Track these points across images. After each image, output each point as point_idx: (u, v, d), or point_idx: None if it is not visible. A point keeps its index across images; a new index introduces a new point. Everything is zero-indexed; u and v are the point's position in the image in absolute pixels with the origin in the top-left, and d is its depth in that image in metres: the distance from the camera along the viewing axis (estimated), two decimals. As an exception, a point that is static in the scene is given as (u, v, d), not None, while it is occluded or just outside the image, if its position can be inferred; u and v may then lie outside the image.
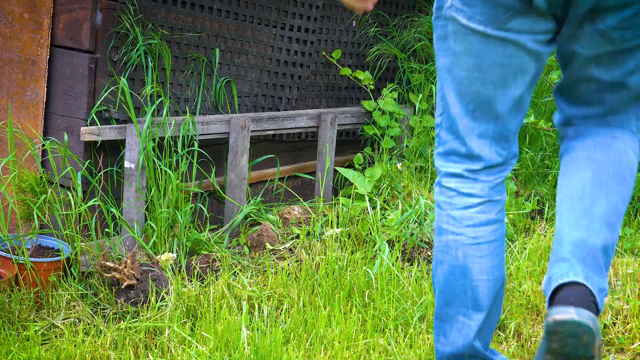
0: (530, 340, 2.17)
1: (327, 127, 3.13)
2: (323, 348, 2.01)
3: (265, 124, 2.92)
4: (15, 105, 2.52)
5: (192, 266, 2.48)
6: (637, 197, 3.33)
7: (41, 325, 2.11)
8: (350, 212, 2.86)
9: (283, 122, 3.00)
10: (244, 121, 2.79)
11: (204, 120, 2.72)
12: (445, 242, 1.72)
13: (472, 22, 1.62)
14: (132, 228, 2.47)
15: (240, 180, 2.82)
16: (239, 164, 2.81)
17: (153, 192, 2.46)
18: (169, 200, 2.48)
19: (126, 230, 2.49)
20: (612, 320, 2.25)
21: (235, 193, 2.82)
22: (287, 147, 3.14)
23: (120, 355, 1.98)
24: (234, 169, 2.81)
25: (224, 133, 2.79)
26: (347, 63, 3.32)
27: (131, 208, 2.49)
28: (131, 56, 2.50)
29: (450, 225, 1.71)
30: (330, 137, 3.13)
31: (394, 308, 2.21)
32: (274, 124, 2.96)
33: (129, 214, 2.51)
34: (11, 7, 2.49)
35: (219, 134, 2.77)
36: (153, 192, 2.45)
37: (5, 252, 2.29)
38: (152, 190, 2.46)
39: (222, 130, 2.78)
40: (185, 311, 2.20)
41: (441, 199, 1.73)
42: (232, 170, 2.82)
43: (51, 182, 2.45)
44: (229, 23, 2.80)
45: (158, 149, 2.55)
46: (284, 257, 2.62)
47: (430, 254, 2.74)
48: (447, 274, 1.72)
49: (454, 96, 1.71)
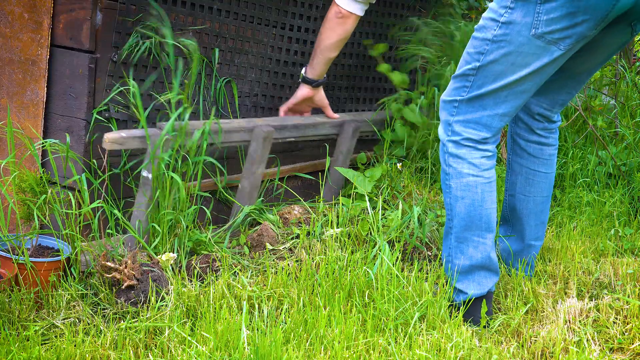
0: (530, 340, 2.17)
1: (347, 137, 3.08)
2: (323, 348, 2.01)
3: (288, 132, 2.89)
4: (15, 105, 2.52)
5: (192, 266, 2.48)
6: (637, 197, 3.33)
7: (41, 325, 2.11)
8: (351, 212, 2.86)
9: (306, 130, 2.97)
10: (267, 132, 2.74)
11: (226, 129, 2.69)
12: (466, 182, 2.30)
13: None
14: (135, 228, 2.47)
15: (252, 189, 2.79)
16: (254, 173, 2.78)
17: (158, 194, 2.45)
18: (174, 201, 2.47)
19: (127, 230, 2.49)
20: (612, 320, 2.25)
21: (245, 199, 2.79)
22: (286, 147, 3.14)
23: (120, 355, 1.98)
24: (248, 176, 2.77)
25: (244, 141, 2.77)
26: (348, 63, 3.32)
27: (140, 210, 2.47)
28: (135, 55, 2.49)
29: (470, 169, 2.29)
30: (348, 149, 3.11)
31: (394, 308, 2.21)
32: (297, 132, 2.93)
33: (137, 216, 2.49)
34: (11, 7, 2.49)
35: (239, 141, 2.76)
36: (158, 193, 2.45)
37: (5, 252, 2.29)
38: (158, 192, 2.45)
39: (243, 139, 2.75)
40: (185, 311, 2.20)
41: (462, 151, 2.30)
42: (247, 177, 2.78)
43: (52, 182, 2.45)
44: (229, 23, 2.80)
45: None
46: (284, 257, 2.62)
47: (430, 254, 2.74)
48: (467, 206, 2.30)
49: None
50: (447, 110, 2.35)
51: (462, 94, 2.31)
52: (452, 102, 2.33)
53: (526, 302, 2.38)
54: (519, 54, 2.21)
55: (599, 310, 2.32)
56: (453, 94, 2.34)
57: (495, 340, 2.18)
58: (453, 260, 2.34)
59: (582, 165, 3.55)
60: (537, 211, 2.60)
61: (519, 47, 2.20)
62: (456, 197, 2.32)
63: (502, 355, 2.07)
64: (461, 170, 2.31)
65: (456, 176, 2.31)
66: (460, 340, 2.07)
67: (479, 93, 2.28)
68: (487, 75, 2.27)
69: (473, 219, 2.30)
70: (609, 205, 3.22)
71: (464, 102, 2.31)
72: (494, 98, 2.28)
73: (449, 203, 2.34)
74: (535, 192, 2.58)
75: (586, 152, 3.65)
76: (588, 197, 3.29)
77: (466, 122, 2.31)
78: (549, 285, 2.50)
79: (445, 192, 2.36)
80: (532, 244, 2.61)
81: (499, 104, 2.29)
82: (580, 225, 3.06)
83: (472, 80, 2.29)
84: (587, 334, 2.18)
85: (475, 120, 2.31)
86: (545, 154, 2.57)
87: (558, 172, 3.48)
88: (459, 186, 2.31)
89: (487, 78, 2.27)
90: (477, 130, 2.31)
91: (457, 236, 2.33)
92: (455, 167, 2.31)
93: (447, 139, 2.34)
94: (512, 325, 2.24)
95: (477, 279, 2.33)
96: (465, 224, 2.31)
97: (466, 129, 2.31)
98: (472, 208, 2.30)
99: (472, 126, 2.31)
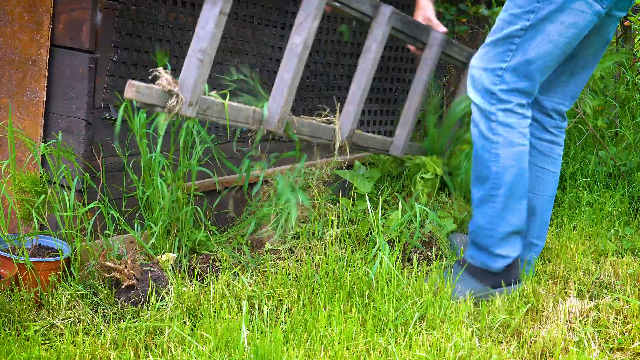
0: (530, 340, 2.17)
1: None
2: (323, 348, 2.01)
3: None
4: (15, 105, 2.52)
5: (192, 266, 2.48)
6: (637, 197, 3.33)
7: (41, 325, 2.11)
8: (351, 213, 2.86)
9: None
10: None
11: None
12: (516, 151, 2.33)
13: None
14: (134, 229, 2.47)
15: None
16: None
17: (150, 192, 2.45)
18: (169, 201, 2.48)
19: (127, 230, 2.49)
20: (612, 320, 2.25)
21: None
22: (285, 146, 3.14)
23: (120, 355, 1.98)
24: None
25: None
26: (348, 63, 3.32)
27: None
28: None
29: (520, 138, 2.32)
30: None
31: (394, 308, 2.21)
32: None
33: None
34: (11, 7, 2.49)
35: None
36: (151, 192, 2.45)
37: (5, 252, 2.29)
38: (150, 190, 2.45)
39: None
40: (185, 311, 2.20)
41: (512, 120, 2.30)
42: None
43: (52, 182, 2.45)
44: (229, 23, 2.80)
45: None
46: (284, 257, 2.62)
47: (429, 254, 2.74)
48: (515, 175, 2.34)
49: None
50: (489, 78, 2.31)
51: (506, 58, 2.29)
52: (495, 69, 2.30)
53: (526, 302, 2.38)
54: (570, 12, 2.20)
55: (599, 310, 2.32)
56: (495, 60, 2.31)
57: (495, 340, 2.18)
58: (496, 228, 2.40)
59: (582, 165, 3.55)
60: (542, 210, 2.61)
61: (570, 3, 2.19)
62: (505, 166, 2.34)
63: (502, 355, 2.07)
64: (512, 140, 2.32)
65: (506, 145, 2.32)
66: (460, 340, 2.07)
67: (527, 58, 2.27)
68: (534, 36, 2.24)
69: (518, 187, 2.36)
70: (609, 205, 3.22)
71: (510, 67, 2.28)
72: (541, 61, 2.27)
73: (496, 172, 2.35)
74: (543, 191, 2.59)
75: (586, 152, 3.65)
76: (588, 197, 3.29)
77: (513, 89, 2.30)
78: (549, 285, 2.50)
79: (490, 161, 2.35)
80: (534, 242, 2.62)
81: (543, 69, 2.28)
82: (580, 225, 3.06)
83: (518, 43, 2.26)
84: (587, 334, 2.18)
85: (521, 87, 2.30)
86: (555, 153, 2.59)
87: (558, 172, 3.49)
88: (509, 155, 2.33)
89: (534, 39, 2.25)
90: (522, 97, 2.31)
91: (504, 204, 2.37)
92: (506, 136, 2.32)
93: (495, 108, 2.31)
94: (512, 325, 2.24)
95: (514, 243, 2.43)
96: (512, 192, 2.36)
97: (514, 96, 2.30)
98: (519, 177, 2.35)
99: (517, 93, 2.30)
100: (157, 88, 2.16)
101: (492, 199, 2.38)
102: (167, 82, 2.16)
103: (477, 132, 2.37)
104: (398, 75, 3.54)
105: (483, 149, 2.36)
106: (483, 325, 2.24)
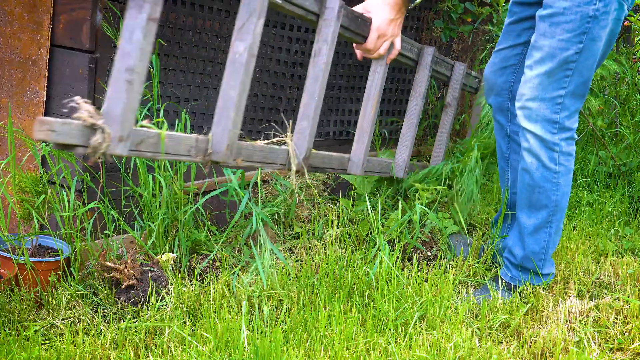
0: (530, 340, 2.17)
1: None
2: (323, 348, 2.01)
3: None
4: (15, 105, 2.52)
5: (192, 266, 2.48)
6: (637, 197, 3.33)
7: (41, 325, 2.11)
8: (351, 213, 2.86)
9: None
10: None
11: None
12: (570, 176, 2.34)
13: None
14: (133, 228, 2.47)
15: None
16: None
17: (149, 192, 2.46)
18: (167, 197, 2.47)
19: (126, 230, 2.49)
20: (612, 320, 2.25)
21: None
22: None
23: (120, 355, 1.98)
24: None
25: None
26: (348, 63, 3.32)
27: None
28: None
29: (573, 163, 2.33)
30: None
31: (394, 308, 2.21)
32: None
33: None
34: (11, 7, 2.49)
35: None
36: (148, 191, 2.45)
37: (5, 252, 2.29)
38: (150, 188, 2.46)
39: None
40: (185, 311, 2.20)
41: (571, 148, 2.31)
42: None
43: (52, 182, 2.45)
44: (229, 23, 2.80)
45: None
46: (284, 257, 2.62)
47: (429, 254, 2.74)
48: (566, 198, 2.37)
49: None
50: (550, 108, 2.24)
51: (564, 85, 2.23)
52: (555, 98, 2.23)
53: (526, 302, 2.38)
54: (617, 23, 2.18)
55: (599, 310, 2.32)
56: (552, 89, 2.23)
57: (495, 340, 2.18)
58: (548, 252, 2.41)
59: (582, 165, 3.55)
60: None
61: (615, 15, 2.17)
62: (563, 192, 2.34)
63: (502, 355, 2.07)
64: (570, 167, 2.33)
65: (566, 173, 2.33)
66: (460, 340, 2.07)
67: (583, 79, 2.23)
68: (588, 57, 2.19)
69: (565, 209, 2.39)
70: (609, 205, 3.22)
71: (569, 93, 2.24)
72: (591, 75, 2.24)
73: (555, 200, 2.34)
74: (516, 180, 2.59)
75: (586, 152, 3.65)
76: (588, 197, 3.29)
77: (572, 114, 2.27)
78: (549, 285, 2.50)
79: (551, 190, 2.33)
80: None
81: (588, 85, 2.26)
82: (580, 225, 3.06)
83: (574, 68, 2.20)
84: (587, 334, 2.18)
85: (579, 106, 2.27)
86: None
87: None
88: (567, 182, 2.34)
89: (587, 60, 2.20)
90: (575, 119, 2.28)
91: (557, 228, 2.39)
92: (567, 165, 2.32)
93: (558, 138, 2.27)
94: (512, 325, 2.24)
95: (551, 258, 2.47)
96: (563, 214, 2.39)
97: (571, 121, 2.28)
98: (568, 198, 2.37)
99: (574, 116, 2.27)
100: (77, 123, 1.68)
101: (548, 225, 2.39)
102: (88, 114, 1.69)
103: (536, 162, 2.31)
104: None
105: (544, 179, 2.31)
106: (483, 325, 2.24)
